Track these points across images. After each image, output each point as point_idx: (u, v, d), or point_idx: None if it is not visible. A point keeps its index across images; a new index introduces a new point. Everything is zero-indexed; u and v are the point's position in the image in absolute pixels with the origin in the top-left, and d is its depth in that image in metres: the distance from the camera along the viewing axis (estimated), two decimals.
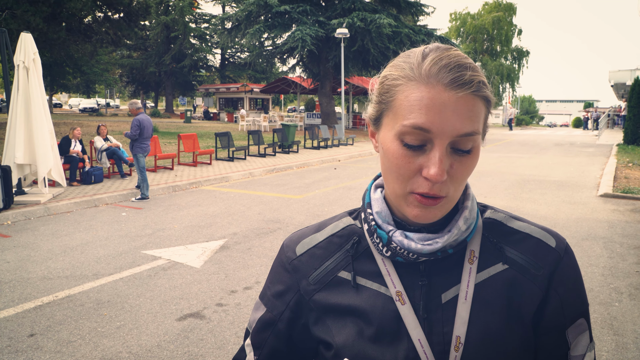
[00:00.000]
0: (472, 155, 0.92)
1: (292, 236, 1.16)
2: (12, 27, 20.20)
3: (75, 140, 12.49)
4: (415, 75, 0.89)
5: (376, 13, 30.47)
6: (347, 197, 11.48)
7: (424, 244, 0.96)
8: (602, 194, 12.01)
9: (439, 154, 0.88)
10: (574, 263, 1.04)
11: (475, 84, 0.89)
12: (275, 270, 1.15)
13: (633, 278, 6.30)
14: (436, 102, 0.87)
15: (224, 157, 18.28)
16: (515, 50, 65.83)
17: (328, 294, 1.05)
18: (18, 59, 9.89)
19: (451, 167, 0.90)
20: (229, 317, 5.11)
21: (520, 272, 1.00)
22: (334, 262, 1.07)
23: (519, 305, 0.98)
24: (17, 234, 8.17)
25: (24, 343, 4.54)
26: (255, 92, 49.32)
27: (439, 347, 0.96)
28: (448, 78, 0.88)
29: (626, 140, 26.65)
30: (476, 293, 0.98)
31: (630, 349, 4.49)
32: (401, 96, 0.91)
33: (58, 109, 63.64)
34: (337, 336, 1.02)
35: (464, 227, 0.98)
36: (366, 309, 1.00)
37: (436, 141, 0.88)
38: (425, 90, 0.88)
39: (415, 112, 0.88)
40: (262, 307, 1.14)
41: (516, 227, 1.05)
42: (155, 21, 51.80)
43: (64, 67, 39.57)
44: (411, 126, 0.88)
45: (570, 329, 1.02)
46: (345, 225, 1.11)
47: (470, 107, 0.88)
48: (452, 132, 0.87)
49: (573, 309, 1.02)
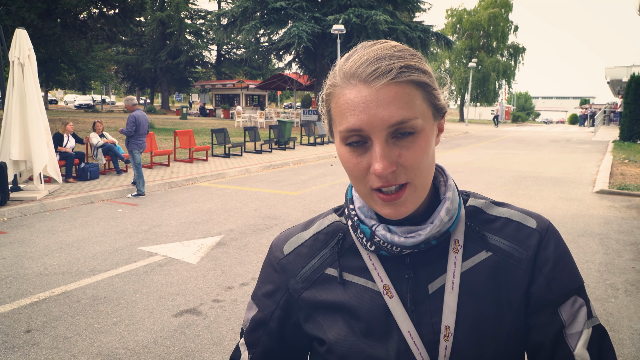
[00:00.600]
0: (418, 138, 0.90)
1: (280, 236, 1.17)
2: (7, 23, 20.12)
3: (67, 135, 12.44)
4: (339, 81, 0.93)
5: (372, 9, 30.46)
6: (343, 194, 11.43)
7: (406, 236, 0.96)
8: (598, 191, 12.04)
9: (378, 148, 0.89)
10: (559, 241, 1.03)
11: (396, 71, 0.88)
12: (265, 270, 1.16)
13: (629, 274, 6.32)
14: (359, 100, 0.89)
15: (220, 154, 18.26)
16: (512, 46, 65.82)
17: (316, 291, 1.06)
18: (13, 55, 9.85)
19: (400, 157, 0.90)
20: (226, 313, 5.11)
21: (504, 258, 1.00)
22: (320, 259, 1.08)
23: (507, 291, 0.98)
24: (13, 231, 8.14)
25: (21, 339, 4.53)
26: (251, 88, 49.23)
27: (429, 337, 0.96)
28: (365, 73, 0.89)
29: (622, 136, 26.70)
30: (462, 282, 0.98)
31: (626, 345, 4.51)
32: (333, 104, 0.94)
33: (53, 105, 63.53)
34: (328, 332, 1.03)
35: (446, 217, 0.99)
36: (354, 304, 1.01)
37: (372, 137, 0.89)
38: (349, 91, 0.90)
39: (345, 116, 0.91)
40: (254, 307, 1.15)
41: (496, 214, 1.06)
42: (151, 17, 51.75)
43: (59, 64, 39.38)
44: (346, 130, 0.91)
45: (564, 307, 0.99)
46: (330, 222, 1.12)
47: (394, 96, 0.88)
48: (382, 124, 0.88)
49: (562, 286, 1.00)
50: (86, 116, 37.17)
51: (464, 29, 65.29)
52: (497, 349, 0.96)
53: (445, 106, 0.99)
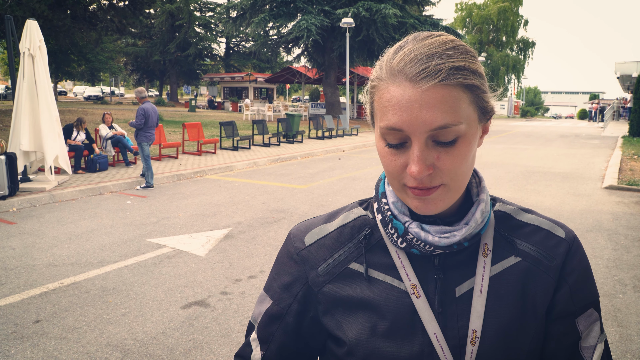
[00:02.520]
0: (459, 144, 0.88)
1: (299, 226, 1.12)
2: (18, 14, 20.16)
3: (77, 130, 12.47)
4: (385, 75, 0.89)
5: (382, 3, 30.32)
6: (351, 188, 11.48)
7: (441, 236, 0.94)
8: (607, 186, 11.99)
9: (417, 150, 0.86)
10: (583, 253, 1.04)
11: (444, 72, 0.84)
12: (282, 261, 1.11)
13: (637, 270, 6.30)
14: (403, 100, 0.85)
15: (229, 147, 18.28)
16: (521, 41, 65.60)
17: (338, 285, 1.02)
18: (23, 47, 9.88)
19: (438, 159, 0.88)
20: (234, 306, 5.13)
21: (533, 264, 1.00)
22: (344, 253, 1.04)
23: (534, 297, 0.98)
24: (22, 221, 8.20)
25: (30, 329, 4.56)
26: (260, 81, 49.25)
27: (454, 341, 0.95)
28: (412, 72, 0.85)
29: (631, 132, 26.57)
30: (491, 286, 0.97)
31: (634, 341, 4.50)
32: (376, 97, 0.91)
33: (63, 96, 63.65)
34: (348, 331, 1.00)
35: (480, 219, 0.97)
36: (380, 302, 0.98)
37: (413, 138, 0.86)
38: (393, 88, 0.87)
39: (387, 114, 0.88)
40: (267, 300, 1.10)
41: (525, 220, 1.05)
42: (160, 9, 51.73)
43: (69, 55, 39.47)
44: (385, 128, 0.88)
45: (581, 319, 1.01)
46: (356, 216, 1.08)
47: (440, 99, 0.84)
48: (423, 127, 0.85)
49: (583, 297, 1.02)
50: (95, 108, 37.27)
51: (474, 23, 65.10)
52: (520, 354, 0.96)
53: (492, 108, 0.95)
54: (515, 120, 58.00)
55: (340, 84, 40.57)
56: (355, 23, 29.04)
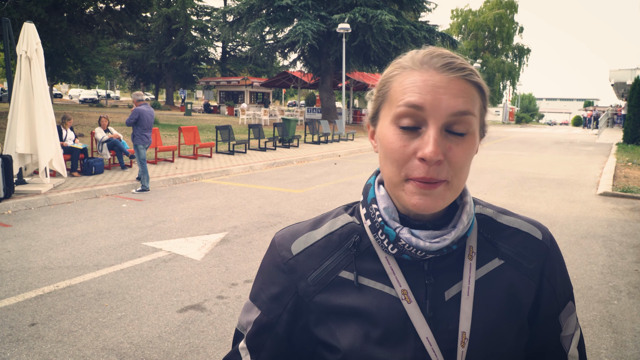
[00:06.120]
0: (468, 139, 0.92)
1: (283, 233, 1.10)
2: (14, 17, 20.13)
3: (64, 128, 12.46)
4: (409, 64, 0.94)
5: (378, 9, 30.37)
6: (347, 192, 11.50)
7: (431, 241, 0.95)
8: (601, 193, 12.03)
9: (433, 133, 0.89)
10: (559, 251, 1.09)
11: (468, 70, 0.93)
12: (268, 271, 1.09)
13: (632, 276, 6.33)
14: (429, 82, 0.90)
15: (225, 151, 18.28)
16: (517, 47, 65.90)
17: (330, 295, 1.01)
18: (20, 49, 9.88)
19: (449, 150, 0.90)
20: (230, 310, 5.13)
21: (514, 267, 1.03)
22: (334, 261, 1.03)
23: (517, 297, 1.01)
24: (17, 224, 8.18)
25: (25, 332, 4.55)
26: (256, 85, 49.22)
27: (446, 344, 0.96)
28: (440, 63, 0.92)
29: (626, 139, 26.67)
30: (477, 288, 0.99)
31: (629, 347, 4.52)
32: (396, 84, 0.94)
33: (58, 99, 63.48)
34: (342, 339, 0.99)
35: (466, 222, 0.99)
36: (372, 310, 0.98)
37: (430, 121, 0.89)
38: (418, 74, 0.92)
39: (407, 93, 0.91)
40: (255, 310, 1.09)
41: (505, 222, 1.08)
42: (157, 13, 51.66)
43: (65, 58, 39.35)
44: (405, 105, 0.90)
45: (563, 313, 1.07)
46: (344, 223, 1.07)
47: (463, 89, 0.91)
48: (445, 110, 0.89)
49: (563, 294, 1.08)
50: (91, 111, 37.18)
51: (469, 30, 65.34)
52: (507, 353, 0.99)
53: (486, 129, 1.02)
54: (510, 126, 58.16)
55: (337, 89, 40.60)
56: (352, 28, 29.08)
